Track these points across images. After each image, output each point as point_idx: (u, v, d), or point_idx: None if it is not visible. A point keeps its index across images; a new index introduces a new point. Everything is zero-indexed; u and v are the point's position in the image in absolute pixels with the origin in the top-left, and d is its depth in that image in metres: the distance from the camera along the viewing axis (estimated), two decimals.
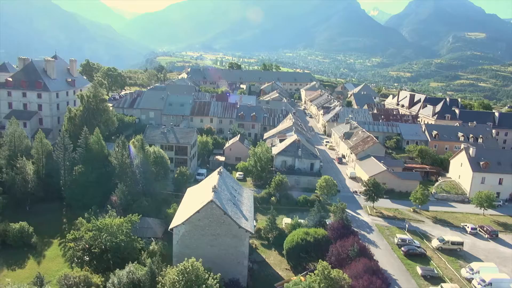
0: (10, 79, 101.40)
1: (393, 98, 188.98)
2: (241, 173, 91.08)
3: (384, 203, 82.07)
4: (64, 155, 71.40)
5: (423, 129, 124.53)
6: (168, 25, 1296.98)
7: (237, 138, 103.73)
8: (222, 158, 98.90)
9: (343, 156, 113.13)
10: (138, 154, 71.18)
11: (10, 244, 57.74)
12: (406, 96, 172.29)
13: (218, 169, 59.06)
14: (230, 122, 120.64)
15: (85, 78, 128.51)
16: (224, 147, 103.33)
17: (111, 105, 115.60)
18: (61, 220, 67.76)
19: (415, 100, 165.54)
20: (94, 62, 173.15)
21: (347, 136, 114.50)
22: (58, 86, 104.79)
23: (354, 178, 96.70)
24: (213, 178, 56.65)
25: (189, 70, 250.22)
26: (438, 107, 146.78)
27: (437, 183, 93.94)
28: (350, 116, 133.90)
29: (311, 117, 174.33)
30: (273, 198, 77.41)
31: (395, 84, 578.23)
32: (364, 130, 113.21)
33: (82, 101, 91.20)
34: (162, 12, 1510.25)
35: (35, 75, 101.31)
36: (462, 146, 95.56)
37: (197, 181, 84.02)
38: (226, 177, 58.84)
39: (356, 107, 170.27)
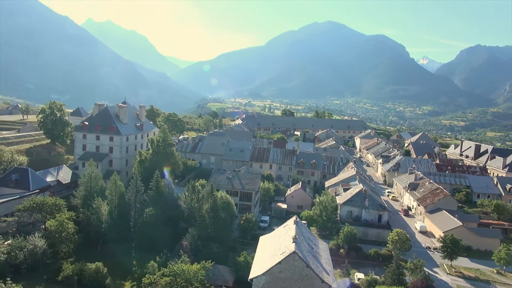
0: (86, 123, 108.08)
1: (455, 148, 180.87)
2: (304, 221, 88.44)
3: (462, 262, 75.79)
4: (136, 197, 73.26)
5: (495, 182, 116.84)
6: (218, 72, 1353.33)
7: (299, 185, 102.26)
8: (284, 206, 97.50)
9: (409, 208, 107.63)
10: (208, 199, 71.60)
11: (85, 284, 58.44)
12: (471, 147, 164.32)
13: (293, 218, 57.65)
14: (290, 169, 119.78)
15: (151, 123, 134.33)
16: (286, 194, 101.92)
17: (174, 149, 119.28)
18: (131, 262, 68.11)
19: (481, 151, 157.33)
20: (157, 108, 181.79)
21: (412, 187, 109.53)
22: (128, 130, 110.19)
23: (424, 232, 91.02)
24: (289, 227, 55.18)
25: (243, 116, 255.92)
26: (509, 159, 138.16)
27: None
28: (413, 166, 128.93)
29: (368, 165, 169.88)
30: (341, 250, 74.07)
31: (448, 133, 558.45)
32: (431, 181, 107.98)
33: (152, 145, 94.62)
34: (214, 60, 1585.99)
35: (109, 119, 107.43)
36: None
37: (260, 228, 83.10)
38: (301, 227, 57.21)
39: (414, 156, 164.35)
